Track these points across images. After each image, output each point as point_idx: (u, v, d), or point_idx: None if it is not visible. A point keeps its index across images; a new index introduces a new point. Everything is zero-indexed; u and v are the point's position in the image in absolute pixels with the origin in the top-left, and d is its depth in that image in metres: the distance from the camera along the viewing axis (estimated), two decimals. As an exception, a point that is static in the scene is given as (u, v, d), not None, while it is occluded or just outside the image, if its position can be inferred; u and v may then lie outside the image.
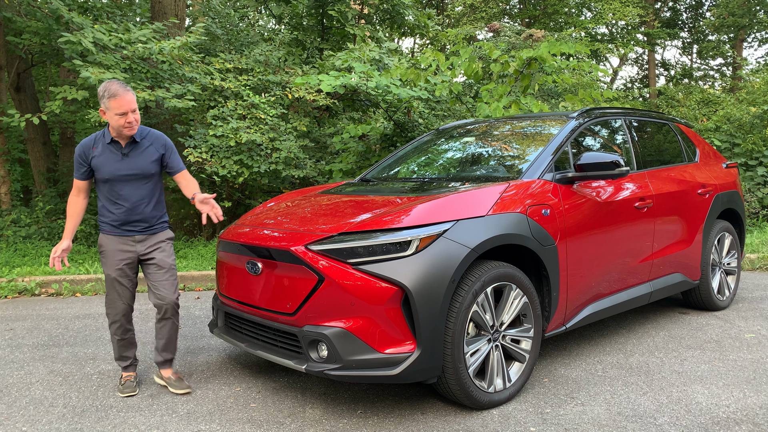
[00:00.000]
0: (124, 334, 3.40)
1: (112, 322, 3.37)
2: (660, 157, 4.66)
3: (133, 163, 3.28)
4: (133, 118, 3.18)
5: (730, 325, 4.54)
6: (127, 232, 3.32)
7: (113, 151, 3.26)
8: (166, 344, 3.44)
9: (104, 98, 3.14)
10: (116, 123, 3.17)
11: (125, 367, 3.47)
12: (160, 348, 3.45)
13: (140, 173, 3.29)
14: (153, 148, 3.34)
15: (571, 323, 3.59)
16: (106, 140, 3.27)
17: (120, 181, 3.26)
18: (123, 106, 3.13)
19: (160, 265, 3.35)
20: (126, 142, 3.28)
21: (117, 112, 3.13)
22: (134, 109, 3.18)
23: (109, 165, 3.25)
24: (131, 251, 3.33)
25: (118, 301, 3.34)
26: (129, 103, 3.15)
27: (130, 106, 3.15)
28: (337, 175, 7.86)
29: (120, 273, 3.31)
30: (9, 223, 8.21)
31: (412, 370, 2.80)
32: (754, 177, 9.39)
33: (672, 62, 27.81)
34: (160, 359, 3.47)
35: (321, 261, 2.87)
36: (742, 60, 16.36)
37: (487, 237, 3.00)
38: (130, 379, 3.43)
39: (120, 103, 3.12)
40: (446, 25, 20.21)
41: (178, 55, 7.28)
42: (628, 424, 2.89)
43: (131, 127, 3.20)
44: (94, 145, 3.27)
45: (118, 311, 3.35)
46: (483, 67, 8.48)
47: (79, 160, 3.28)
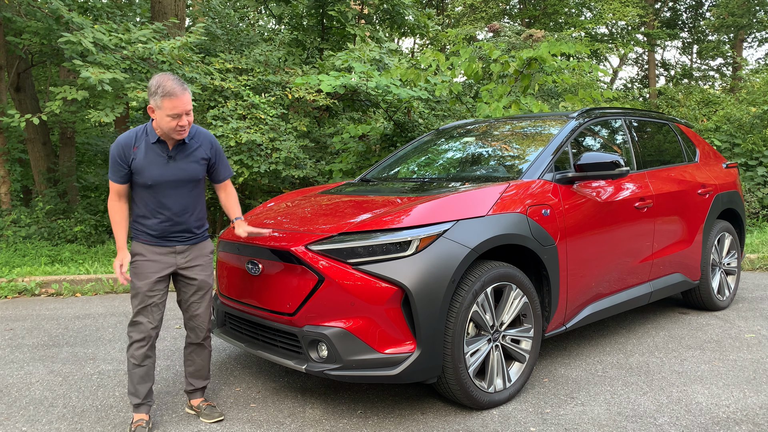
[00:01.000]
0: (143, 360, 2.88)
1: (135, 342, 2.86)
2: (660, 157, 4.66)
3: (180, 167, 2.87)
4: (187, 120, 2.78)
5: (730, 325, 4.54)
6: (168, 242, 2.92)
7: (158, 153, 2.83)
8: (198, 370, 3.10)
9: (157, 95, 2.72)
10: (167, 125, 2.75)
11: (138, 405, 2.91)
12: (192, 375, 3.11)
13: (188, 178, 2.90)
14: (202, 149, 2.95)
15: (571, 323, 3.59)
16: (150, 139, 2.83)
17: (164, 188, 2.85)
18: (178, 107, 2.72)
19: (202, 286, 3.01)
20: (173, 144, 2.87)
21: (170, 113, 2.72)
22: (189, 111, 2.77)
23: (154, 168, 2.82)
24: (170, 263, 2.92)
25: (146, 319, 2.86)
26: (185, 103, 2.74)
27: (185, 107, 2.74)
28: (337, 175, 7.86)
29: (151, 287, 2.87)
30: (9, 223, 8.21)
31: (412, 370, 2.80)
32: (754, 177, 9.39)
33: (672, 62, 27.83)
34: (191, 388, 3.12)
35: (321, 261, 2.87)
36: (742, 60, 16.36)
37: (487, 237, 3.00)
38: (141, 424, 2.87)
39: (175, 103, 2.71)
40: (446, 25, 20.21)
41: (178, 55, 7.28)
42: (628, 424, 2.89)
43: (183, 130, 2.80)
44: (135, 144, 2.82)
45: (145, 330, 2.86)
46: (483, 67, 8.48)
47: (117, 160, 2.81)
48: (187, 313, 3.05)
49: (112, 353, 4.14)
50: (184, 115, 2.76)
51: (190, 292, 3.01)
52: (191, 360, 3.10)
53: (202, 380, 3.13)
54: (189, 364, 3.11)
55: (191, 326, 3.06)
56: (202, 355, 3.10)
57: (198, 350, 3.09)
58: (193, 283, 3.00)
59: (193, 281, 3.00)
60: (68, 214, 8.64)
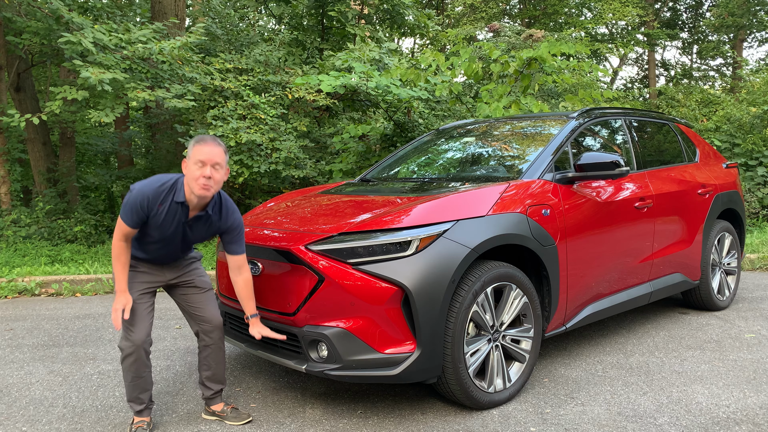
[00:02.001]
0: (139, 371, 2.82)
1: (127, 356, 2.79)
2: (660, 157, 4.66)
3: (191, 234, 2.86)
4: (212, 174, 2.66)
5: (730, 325, 4.54)
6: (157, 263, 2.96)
7: (178, 216, 2.76)
8: (215, 374, 3.03)
9: (191, 145, 2.73)
10: (191, 174, 2.66)
11: (139, 411, 2.90)
12: (209, 379, 3.03)
13: (194, 241, 2.91)
14: (220, 226, 2.89)
15: (571, 323, 3.59)
16: (176, 198, 2.73)
17: (171, 241, 2.84)
18: (204, 153, 2.65)
19: (200, 286, 3.01)
20: (195, 213, 2.80)
21: (196, 160, 2.65)
22: (216, 165, 2.67)
23: (167, 229, 2.77)
24: (159, 279, 2.95)
25: (135, 326, 2.80)
26: (214, 155, 2.67)
27: (212, 159, 2.66)
28: (337, 175, 7.86)
29: (141, 296, 2.85)
30: (9, 223, 8.21)
31: (412, 370, 2.80)
32: (754, 177, 9.39)
33: (672, 62, 27.82)
34: (210, 392, 3.04)
35: (321, 261, 2.87)
36: (742, 60, 16.36)
37: (487, 237, 3.00)
38: (142, 425, 2.87)
39: (202, 150, 2.66)
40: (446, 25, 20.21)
41: (178, 55, 7.28)
42: (628, 424, 2.89)
43: (207, 185, 2.66)
44: (161, 202, 2.72)
45: (135, 341, 2.78)
46: (483, 67, 8.49)
47: (138, 208, 2.69)
48: (196, 317, 3.00)
49: (112, 353, 4.14)
50: (210, 167, 2.66)
51: (191, 295, 3.01)
52: (207, 364, 3.02)
53: (219, 383, 3.06)
54: (205, 368, 3.02)
55: (204, 329, 3.00)
56: (218, 357, 3.03)
57: (214, 352, 3.02)
58: (190, 286, 3.01)
59: (190, 284, 3.01)
60: (68, 214, 8.64)
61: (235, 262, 2.96)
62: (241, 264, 2.96)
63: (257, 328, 2.99)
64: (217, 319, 3.01)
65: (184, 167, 2.73)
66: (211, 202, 2.82)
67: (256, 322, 3.01)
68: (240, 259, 2.96)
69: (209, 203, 2.81)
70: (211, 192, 2.70)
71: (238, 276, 2.98)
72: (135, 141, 12.41)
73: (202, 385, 3.06)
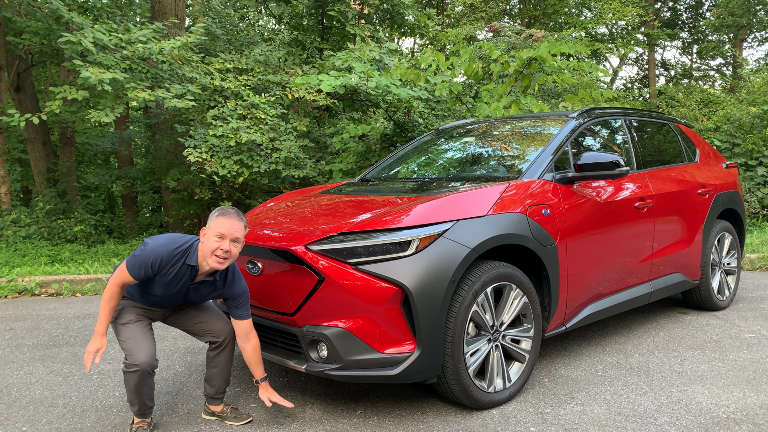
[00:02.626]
0: (143, 380, 2.76)
1: (131, 373, 2.72)
2: (660, 157, 4.66)
3: (193, 295, 2.88)
4: (230, 248, 2.68)
5: (730, 325, 4.54)
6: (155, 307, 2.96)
7: (184, 278, 2.76)
8: (221, 372, 3.01)
9: (213, 216, 2.72)
10: (209, 246, 2.68)
11: (140, 413, 2.87)
12: (214, 378, 3.01)
13: (192, 302, 2.97)
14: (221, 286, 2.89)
15: (571, 323, 3.59)
16: (188, 261, 2.73)
17: (170, 298, 2.85)
18: (226, 227, 2.67)
19: (196, 299, 2.95)
20: (202, 278, 2.82)
21: (217, 232, 2.66)
22: (236, 240, 2.70)
23: (170, 287, 2.77)
24: (155, 316, 2.97)
25: (137, 347, 2.73)
26: (234, 230, 2.68)
27: (232, 234, 2.68)
28: (337, 175, 7.86)
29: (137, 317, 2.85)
30: (9, 223, 8.21)
31: (412, 370, 2.80)
32: (754, 177, 9.39)
33: (672, 62, 27.82)
34: (213, 390, 3.02)
35: (321, 261, 2.87)
36: (742, 60, 16.36)
37: (487, 237, 3.00)
38: (143, 426, 2.87)
39: (224, 223, 2.68)
40: (446, 25, 20.20)
41: (178, 55, 7.28)
42: (628, 424, 2.89)
43: (222, 259, 2.69)
44: (173, 263, 2.71)
45: (139, 364, 2.70)
46: (483, 67, 8.48)
47: (149, 266, 2.68)
48: (204, 332, 2.99)
49: (112, 353, 4.14)
50: (229, 242, 2.68)
51: (192, 313, 3.01)
52: (216, 362, 3.00)
53: (224, 382, 3.04)
54: (213, 366, 3.00)
55: (212, 334, 2.98)
56: (227, 357, 3.01)
57: (224, 350, 3.00)
58: (186, 305, 3.01)
59: (186, 304, 3.01)
60: (68, 214, 8.64)
61: (242, 328, 2.94)
62: (248, 330, 2.94)
63: (267, 394, 2.97)
64: (227, 329, 2.99)
65: (202, 235, 2.75)
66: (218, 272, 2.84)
67: (265, 387, 2.99)
68: (247, 325, 2.94)
69: (217, 270, 2.82)
70: (225, 266, 2.72)
71: (247, 342, 2.95)
72: (135, 141, 12.41)
73: (207, 382, 3.04)
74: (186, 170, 7.75)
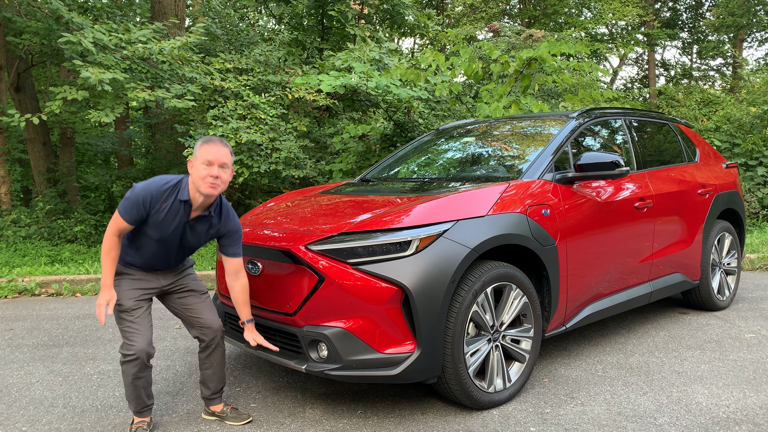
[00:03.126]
0: (140, 372, 2.79)
1: (129, 360, 2.76)
2: (660, 157, 4.66)
3: (191, 236, 2.85)
4: (219, 174, 2.69)
5: (730, 325, 4.54)
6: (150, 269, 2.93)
7: (179, 214, 2.76)
8: (215, 374, 3.01)
9: (198, 145, 2.74)
10: (197, 174, 2.69)
11: (139, 411, 2.89)
12: (209, 379, 3.01)
13: (192, 245, 2.90)
14: (219, 229, 2.90)
15: (571, 323, 3.59)
16: (180, 197, 2.73)
17: (169, 242, 2.82)
18: (212, 153, 2.68)
19: (197, 290, 2.99)
20: (197, 214, 2.81)
21: (204, 160, 2.68)
22: (224, 165, 2.71)
23: (167, 228, 2.75)
24: (153, 285, 2.92)
25: (136, 334, 2.76)
26: (221, 155, 2.70)
27: (219, 159, 2.69)
28: (337, 175, 7.86)
29: (138, 301, 2.84)
30: (9, 223, 8.21)
31: (412, 370, 2.80)
32: (754, 177, 9.39)
33: (672, 62, 27.82)
34: (209, 392, 3.03)
35: (321, 261, 2.87)
36: (742, 60, 16.36)
37: (487, 237, 3.00)
38: (142, 426, 2.88)
39: (210, 150, 2.69)
40: (446, 25, 20.21)
41: (178, 55, 7.28)
42: (628, 424, 2.89)
43: (214, 184, 2.69)
44: (164, 200, 2.72)
45: (136, 350, 2.74)
46: (483, 67, 8.48)
47: (141, 205, 2.69)
48: (194, 320, 2.98)
49: (112, 353, 4.14)
50: (217, 167, 2.69)
51: (189, 299, 2.99)
52: (209, 363, 3.00)
53: (220, 383, 3.04)
54: (206, 367, 3.01)
55: (203, 331, 2.97)
56: (219, 356, 3.02)
57: (215, 351, 3.00)
58: (186, 291, 2.99)
59: (186, 288, 2.99)
60: (68, 214, 8.64)
61: (233, 265, 2.96)
62: (239, 269, 2.96)
63: (252, 335, 3.00)
64: (216, 324, 2.99)
65: (190, 167, 2.75)
66: (213, 203, 2.83)
67: (251, 328, 3.02)
68: (238, 263, 2.96)
69: (212, 204, 2.82)
70: (218, 191, 2.73)
71: (236, 281, 2.97)
72: (135, 141, 12.41)
73: (203, 385, 3.05)
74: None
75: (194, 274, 3.09)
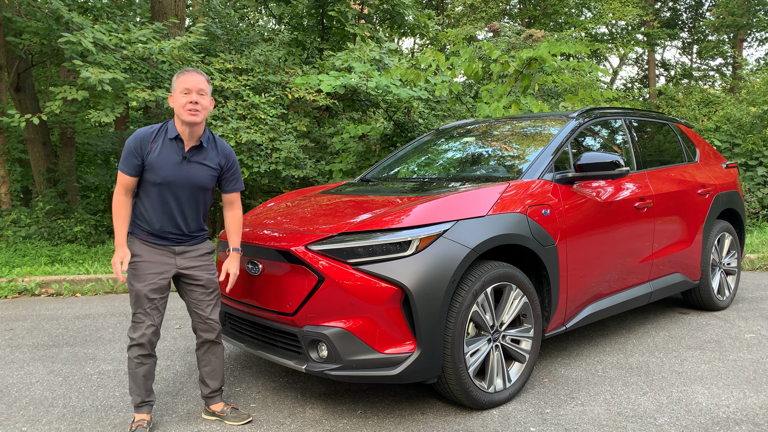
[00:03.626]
0: (145, 359, 2.86)
1: (135, 345, 2.83)
2: (660, 157, 4.66)
3: (193, 171, 2.86)
4: (198, 99, 2.78)
5: (730, 325, 4.54)
6: (167, 242, 2.89)
7: (174, 151, 2.82)
8: (213, 371, 3.03)
9: (173, 80, 2.83)
10: (178, 104, 2.78)
11: (139, 404, 2.90)
12: (208, 377, 3.02)
13: (198, 183, 2.88)
14: (216, 157, 2.94)
15: (571, 323, 3.59)
16: (168, 135, 2.82)
17: (173, 188, 2.83)
18: (189, 82, 2.78)
19: (207, 286, 2.96)
20: (190, 146, 2.86)
21: (181, 89, 2.77)
22: (201, 91, 2.79)
23: (167, 167, 2.79)
24: (170, 264, 2.89)
25: (146, 322, 2.83)
26: (197, 82, 2.79)
27: (196, 86, 2.78)
28: (337, 175, 7.86)
29: (154, 289, 2.84)
30: (9, 223, 8.21)
31: (412, 370, 2.80)
32: (754, 177, 9.39)
33: (672, 62, 27.82)
34: (209, 391, 3.03)
35: (321, 261, 2.87)
36: (742, 60, 16.36)
37: (487, 237, 3.00)
38: (142, 424, 2.87)
39: (187, 78, 2.79)
40: (446, 25, 20.21)
41: (178, 55, 7.28)
42: (628, 424, 2.89)
43: (195, 111, 2.77)
44: (153, 140, 2.81)
45: (145, 333, 2.83)
46: (483, 67, 8.48)
47: (133, 152, 2.77)
48: (198, 315, 2.97)
49: (112, 353, 4.14)
50: (195, 93, 2.78)
51: (198, 294, 2.95)
52: (207, 359, 3.01)
53: (219, 381, 3.05)
54: (204, 364, 3.02)
55: (203, 327, 2.97)
56: (217, 353, 3.03)
57: (213, 348, 3.02)
58: (198, 284, 2.94)
59: (198, 281, 2.94)
60: (68, 214, 8.64)
61: (229, 198, 3.07)
62: (234, 200, 3.08)
63: (229, 265, 3.04)
64: (216, 324, 2.99)
65: (171, 101, 2.83)
66: (204, 135, 2.90)
67: (234, 257, 3.06)
68: (234, 196, 3.07)
69: (203, 136, 2.89)
70: (200, 117, 2.80)
71: (229, 211, 3.08)
72: (135, 141, 12.36)
73: (202, 383, 3.05)
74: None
75: (213, 265, 3.03)
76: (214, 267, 3.03)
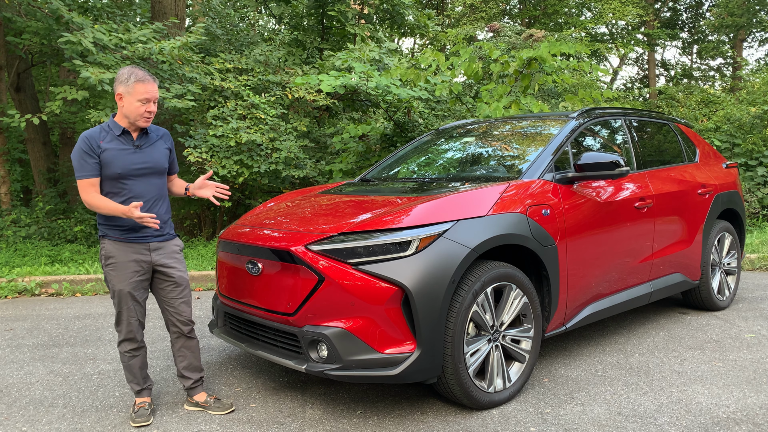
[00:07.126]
0: (136, 352, 3.05)
1: (124, 340, 3.02)
2: (660, 157, 4.66)
3: (148, 156, 3.01)
4: (153, 109, 2.97)
5: (730, 325, 4.54)
6: (141, 239, 2.99)
7: (124, 144, 2.96)
8: (191, 363, 3.15)
9: (129, 81, 2.89)
10: (135, 110, 2.92)
11: (139, 391, 3.09)
12: (186, 369, 3.15)
13: (155, 167, 3.03)
14: (163, 141, 3.13)
15: (571, 323, 3.59)
16: (115, 132, 2.96)
17: (133, 176, 2.96)
18: (150, 92, 2.92)
19: (179, 282, 3.08)
20: (138, 134, 3.02)
21: (141, 98, 2.90)
22: (156, 100, 2.99)
23: (122, 158, 2.93)
24: (146, 261, 3.00)
25: (131, 319, 2.99)
26: (154, 92, 2.96)
27: (154, 95, 2.95)
28: (337, 175, 7.86)
29: (134, 286, 2.98)
30: (9, 223, 8.21)
31: (412, 370, 2.80)
32: (754, 177, 9.39)
33: (672, 62, 27.82)
34: (189, 382, 3.15)
35: (321, 261, 2.87)
36: (742, 60, 16.36)
37: (487, 237, 3.00)
38: (143, 406, 3.05)
39: (147, 88, 2.92)
40: (446, 25, 20.20)
41: (178, 55, 7.28)
42: (628, 424, 2.89)
43: (149, 117, 2.97)
44: (101, 138, 2.93)
45: (131, 328, 3.00)
46: (483, 67, 8.48)
47: (88, 153, 2.89)
48: (170, 310, 3.10)
49: (112, 353, 4.14)
50: (152, 103, 2.96)
51: (170, 290, 3.08)
52: (182, 355, 3.15)
53: (197, 372, 3.18)
54: (181, 359, 3.15)
55: (175, 321, 3.10)
56: (191, 347, 3.16)
57: (187, 342, 3.15)
58: (171, 280, 3.06)
59: (171, 278, 3.06)
60: (68, 214, 8.65)
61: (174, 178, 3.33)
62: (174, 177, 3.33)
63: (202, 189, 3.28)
64: (188, 318, 3.12)
65: (122, 101, 2.93)
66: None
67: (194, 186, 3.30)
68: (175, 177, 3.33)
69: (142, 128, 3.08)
70: (151, 121, 3.03)
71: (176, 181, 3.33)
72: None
73: (181, 377, 3.16)
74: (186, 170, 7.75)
75: (183, 261, 3.18)
76: (185, 264, 3.18)
